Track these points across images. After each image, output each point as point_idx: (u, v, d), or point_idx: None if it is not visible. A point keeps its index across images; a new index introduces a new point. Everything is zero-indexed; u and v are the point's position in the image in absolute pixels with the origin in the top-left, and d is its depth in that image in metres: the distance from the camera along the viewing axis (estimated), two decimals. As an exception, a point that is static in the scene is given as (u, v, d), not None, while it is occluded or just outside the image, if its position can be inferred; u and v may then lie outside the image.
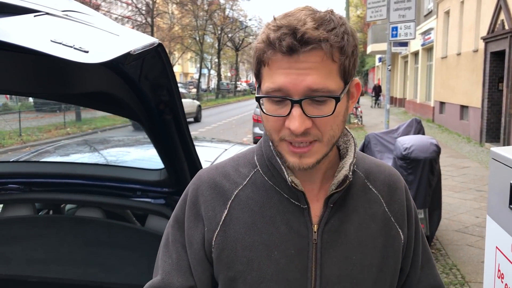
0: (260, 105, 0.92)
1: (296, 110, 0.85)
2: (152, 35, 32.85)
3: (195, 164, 1.95)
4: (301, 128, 0.86)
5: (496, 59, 13.01)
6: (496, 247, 1.43)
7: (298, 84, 0.85)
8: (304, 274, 0.94)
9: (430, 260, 1.12)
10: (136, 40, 1.31)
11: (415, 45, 23.77)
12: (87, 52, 1.11)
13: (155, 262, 1.07)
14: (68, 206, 2.92)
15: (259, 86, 0.91)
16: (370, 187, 1.03)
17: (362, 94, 25.16)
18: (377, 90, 30.24)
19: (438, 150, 5.09)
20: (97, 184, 2.30)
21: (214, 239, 0.96)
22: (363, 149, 6.32)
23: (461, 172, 9.43)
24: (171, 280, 0.99)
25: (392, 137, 6.29)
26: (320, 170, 0.98)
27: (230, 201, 0.97)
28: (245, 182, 0.99)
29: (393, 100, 32.80)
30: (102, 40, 1.24)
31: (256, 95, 0.91)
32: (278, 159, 0.95)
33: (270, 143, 0.97)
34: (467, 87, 15.35)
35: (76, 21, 1.26)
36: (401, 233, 1.02)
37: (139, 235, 2.41)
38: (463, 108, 16.08)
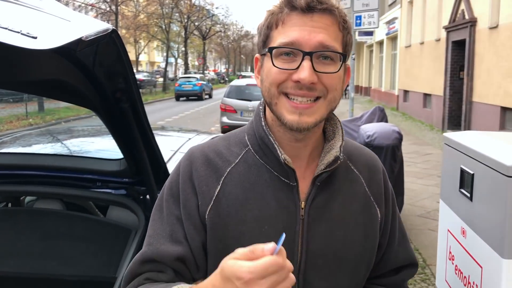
0: (260, 66, 1.02)
1: (307, 62, 0.92)
2: (116, 23, 32.17)
3: (155, 154, 1.93)
4: (310, 77, 0.92)
5: (457, 48, 13.34)
6: (448, 230, 1.48)
7: (311, 39, 0.93)
8: (292, 248, 0.99)
9: (404, 236, 1.20)
10: (89, 26, 1.27)
11: (380, 34, 24.09)
12: (35, 38, 1.08)
13: (145, 236, 1.08)
14: (28, 198, 2.84)
15: (264, 47, 0.99)
16: (352, 168, 1.10)
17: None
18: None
19: (400, 138, 5.20)
20: (56, 175, 2.24)
21: (207, 213, 1.00)
22: (328, 137, 6.38)
23: (424, 159, 9.66)
24: (166, 249, 1.01)
25: (356, 125, 6.38)
26: (308, 147, 1.04)
27: (223, 177, 1.01)
28: (237, 160, 1.03)
29: (359, 89, 33.22)
30: (51, 25, 1.20)
31: (269, 47, 0.96)
32: (271, 137, 0.99)
33: (263, 122, 1.02)
34: (430, 75, 15.70)
35: (24, 6, 1.21)
36: (378, 212, 1.10)
37: (100, 226, 2.38)
38: (426, 96, 16.46)
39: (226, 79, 63.12)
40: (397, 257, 1.17)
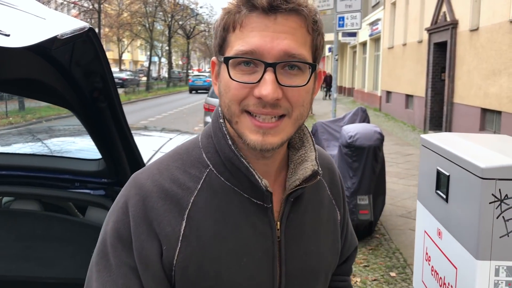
0: (217, 72, 0.86)
1: (270, 75, 0.79)
2: (99, 21, 31.85)
3: (134, 154, 1.91)
4: (274, 93, 0.79)
5: (439, 50, 13.51)
6: (425, 231, 1.49)
7: (273, 47, 0.79)
8: (271, 273, 0.90)
9: (349, 222, 1.17)
10: (65, 24, 1.26)
11: (363, 35, 24.28)
12: (8, 35, 1.05)
13: None
14: (5, 199, 2.79)
15: (221, 52, 0.85)
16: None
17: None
18: (328, 80, 30.65)
19: (381, 138, 5.24)
20: (33, 175, 2.21)
21: (175, 257, 0.84)
22: (310, 137, 6.42)
23: (405, 159, 9.77)
24: None
25: (338, 125, 6.42)
26: (276, 162, 0.93)
27: (187, 210, 0.85)
28: (199, 186, 0.87)
29: (342, 90, 33.44)
30: (25, 23, 1.18)
31: (225, 56, 0.82)
32: (244, 161, 0.86)
33: (229, 141, 0.87)
34: (412, 77, 15.87)
35: None
36: (338, 214, 1.06)
37: (78, 227, 2.35)
38: (409, 97, 16.63)
39: (210, 79, 62.82)
40: (349, 248, 1.18)
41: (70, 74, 1.51)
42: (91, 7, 32.95)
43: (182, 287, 0.85)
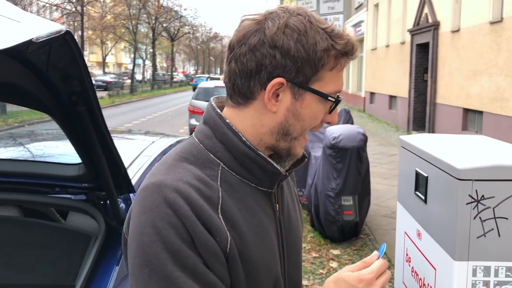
0: (292, 94, 0.95)
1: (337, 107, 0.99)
2: (82, 24, 31.54)
3: (114, 158, 1.89)
4: None
5: (421, 51, 13.67)
6: (405, 232, 1.50)
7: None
8: (280, 249, 1.03)
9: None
10: (40, 27, 1.24)
11: (347, 37, 24.42)
12: (-19, 39, 1.03)
13: None
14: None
15: (307, 82, 0.94)
16: None
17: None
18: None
19: (365, 139, 5.28)
20: (12, 181, 2.17)
21: (228, 246, 0.91)
22: (295, 139, 6.44)
23: (389, 160, 9.85)
24: None
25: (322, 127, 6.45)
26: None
27: (220, 205, 0.93)
28: (219, 183, 0.95)
29: (327, 91, 33.56)
30: (-1, 27, 1.16)
31: (332, 98, 0.96)
32: (260, 152, 0.96)
33: (243, 138, 0.96)
34: (395, 78, 16.01)
35: None
36: (297, 191, 1.23)
37: (59, 233, 2.31)
38: (392, 98, 16.78)
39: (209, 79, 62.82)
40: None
41: (47, 77, 1.49)
42: (73, 9, 32.62)
43: (232, 273, 0.93)
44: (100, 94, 32.06)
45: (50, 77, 1.51)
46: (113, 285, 1.84)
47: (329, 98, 0.95)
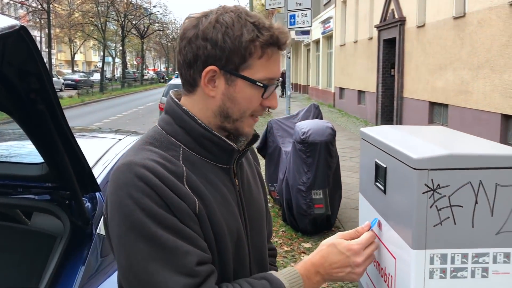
0: (225, 80, 1.08)
1: (275, 91, 1.13)
2: (49, 21, 30.82)
3: (77, 156, 1.86)
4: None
5: (388, 46, 13.88)
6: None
7: (279, 72, 1.13)
8: (242, 218, 1.17)
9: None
10: (-7, 24, 1.20)
11: (316, 33, 24.62)
12: None
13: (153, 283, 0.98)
14: None
15: (236, 69, 1.07)
16: None
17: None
18: (284, 77, 30.92)
19: (333, 133, 5.35)
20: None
21: (197, 209, 1.04)
22: (266, 135, 6.49)
23: (358, 154, 9.92)
24: (209, 257, 1.04)
25: (292, 122, 6.50)
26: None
27: (184, 178, 1.05)
28: (181, 161, 1.08)
29: (298, 87, 33.77)
30: (-52, 23, 1.13)
31: (260, 83, 1.08)
32: (215, 133, 1.10)
33: (199, 121, 1.10)
34: (363, 73, 16.23)
35: None
36: (258, 168, 1.37)
37: (22, 234, 2.27)
38: (361, 93, 17.00)
39: (166, 78, 62.10)
40: (269, 224, 1.41)
41: (2, 74, 1.45)
42: (39, 7, 31.80)
43: (204, 232, 1.05)
44: (69, 93, 31.43)
45: (6, 74, 1.47)
46: (79, 285, 1.82)
47: (257, 83, 1.08)
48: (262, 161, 8.64)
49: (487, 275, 1.18)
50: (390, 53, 13.78)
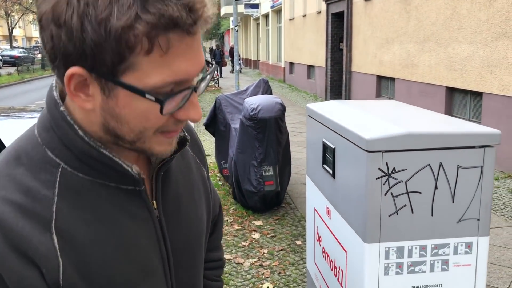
0: (101, 89, 0.68)
1: (195, 97, 0.71)
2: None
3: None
4: (201, 114, 0.73)
5: (336, 20, 13.85)
6: (314, 209, 1.38)
7: (197, 68, 0.70)
8: (159, 255, 0.83)
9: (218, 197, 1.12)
10: None
11: (266, 7, 24.31)
12: None
13: None
14: None
15: (112, 72, 0.66)
16: None
17: (222, 56, 25.18)
18: (232, 52, 30.56)
19: (283, 109, 5.25)
20: None
21: (61, 277, 0.70)
22: (214, 111, 6.30)
23: (309, 129, 9.98)
24: None
25: (241, 98, 6.35)
26: None
27: (53, 222, 0.71)
28: (56, 191, 0.73)
29: (248, 62, 33.53)
30: None
31: (152, 96, 0.67)
32: (103, 150, 0.74)
33: (80, 132, 0.73)
34: (313, 47, 16.18)
35: None
36: (205, 171, 1.01)
37: None
38: (310, 67, 17.00)
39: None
40: (215, 201, 1.12)
41: None
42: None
43: None
44: (7, 70, 29.83)
45: None
46: None
47: (147, 96, 0.67)
48: (212, 139, 8.46)
49: (448, 268, 1.05)
50: (339, 27, 13.76)
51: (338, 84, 13.97)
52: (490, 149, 0.98)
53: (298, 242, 4.43)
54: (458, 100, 7.83)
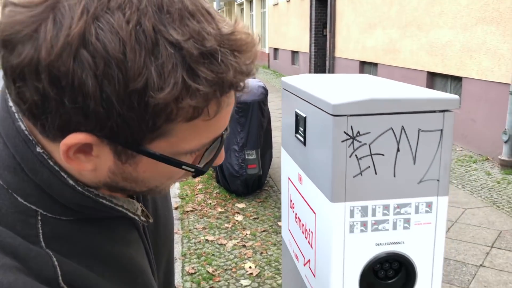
0: (119, 156, 0.54)
1: (223, 142, 0.61)
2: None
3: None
4: None
5: (320, 6, 13.86)
6: (288, 178, 1.44)
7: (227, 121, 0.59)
8: (152, 277, 0.74)
9: None
10: None
11: (250, -8, 24.19)
12: None
13: None
14: None
15: (137, 142, 0.52)
16: None
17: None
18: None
19: (265, 93, 5.30)
20: None
21: None
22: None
23: (292, 114, 10.03)
24: None
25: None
26: None
27: (59, 278, 0.56)
28: (43, 245, 0.56)
29: (232, 48, 33.36)
30: None
31: (190, 167, 0.58)
32: (104, 201, 0.61)
33: (70, 181, 0.57)
34: (297, 33, 16.19)
35: None
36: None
37: None
38: (294, 53, 17.02)
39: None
40: None
41: None
42: None
43: None
44: None
45: None
46: None
47: (184, 167, 0.56)
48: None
49: (409, 227, 1.13)
50: (322, 12, 13.79)
51: (322, 70, 14.04)
52: (449, 113, 1.05)
53: (280, 224, 4.50)
54: (439, 84, 7.95)
